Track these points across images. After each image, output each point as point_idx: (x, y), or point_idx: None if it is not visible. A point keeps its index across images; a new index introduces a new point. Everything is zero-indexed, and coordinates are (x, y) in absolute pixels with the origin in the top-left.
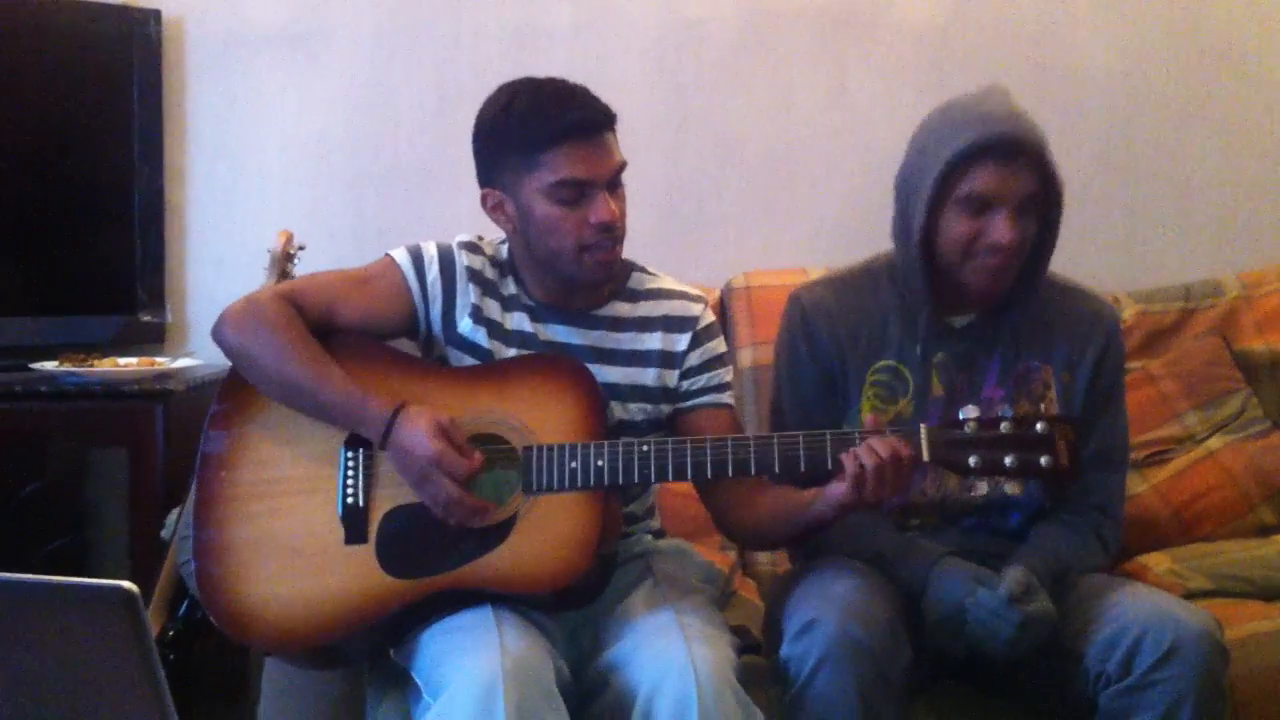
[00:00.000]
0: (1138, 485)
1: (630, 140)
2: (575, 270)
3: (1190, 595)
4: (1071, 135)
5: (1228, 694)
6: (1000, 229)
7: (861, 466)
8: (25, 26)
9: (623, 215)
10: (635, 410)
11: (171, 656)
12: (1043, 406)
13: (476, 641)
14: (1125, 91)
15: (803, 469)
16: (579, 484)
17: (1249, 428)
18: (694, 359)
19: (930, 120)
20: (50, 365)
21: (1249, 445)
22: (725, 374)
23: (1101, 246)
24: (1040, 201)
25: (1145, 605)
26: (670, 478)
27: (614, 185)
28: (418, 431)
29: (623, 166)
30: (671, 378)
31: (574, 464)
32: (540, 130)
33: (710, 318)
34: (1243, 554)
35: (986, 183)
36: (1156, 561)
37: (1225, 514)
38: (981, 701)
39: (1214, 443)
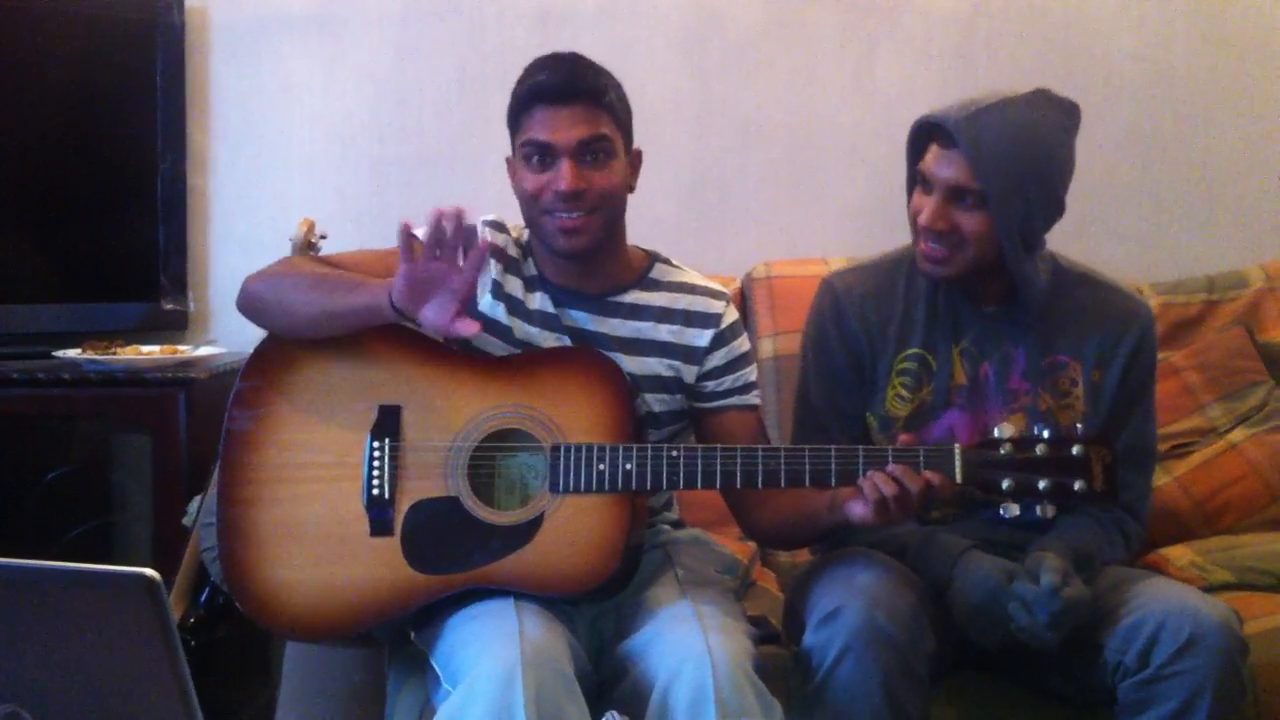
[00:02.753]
0: (1160, 477)
1: (653, 126)
2: (540, 235)
3: (1212, 588)
4: (1096, 122)
5: (1247, 686)
6: (925, 210)
7: (883, 496)
8: (49, 13)
9: (596, 188)
10: (654, 401)
11: (193, 642)
12: (1067, 411)
13: (496, 630)
14: (1150, 78)
15: (833, 484)
16: (606, 487)
17: (1273, 420)
18: (718, 359)
19: None
20: (74, 353)
21: (1272, 438)
22: (750, 373)
23: (1125, 236)
24: (980, 195)
25: (1164, 597)
26: (699, 485)
27: (585, 156)
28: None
29: (594, 139)
30: (690, 373)
31: (601, 466)
32: (520, 93)
33: (733, 315)
34: (1265, 547)
35: (926, 161)
36: (1178, 554)
37: (1248, 506)
38: (1002, 690)
39: (1237, 435)
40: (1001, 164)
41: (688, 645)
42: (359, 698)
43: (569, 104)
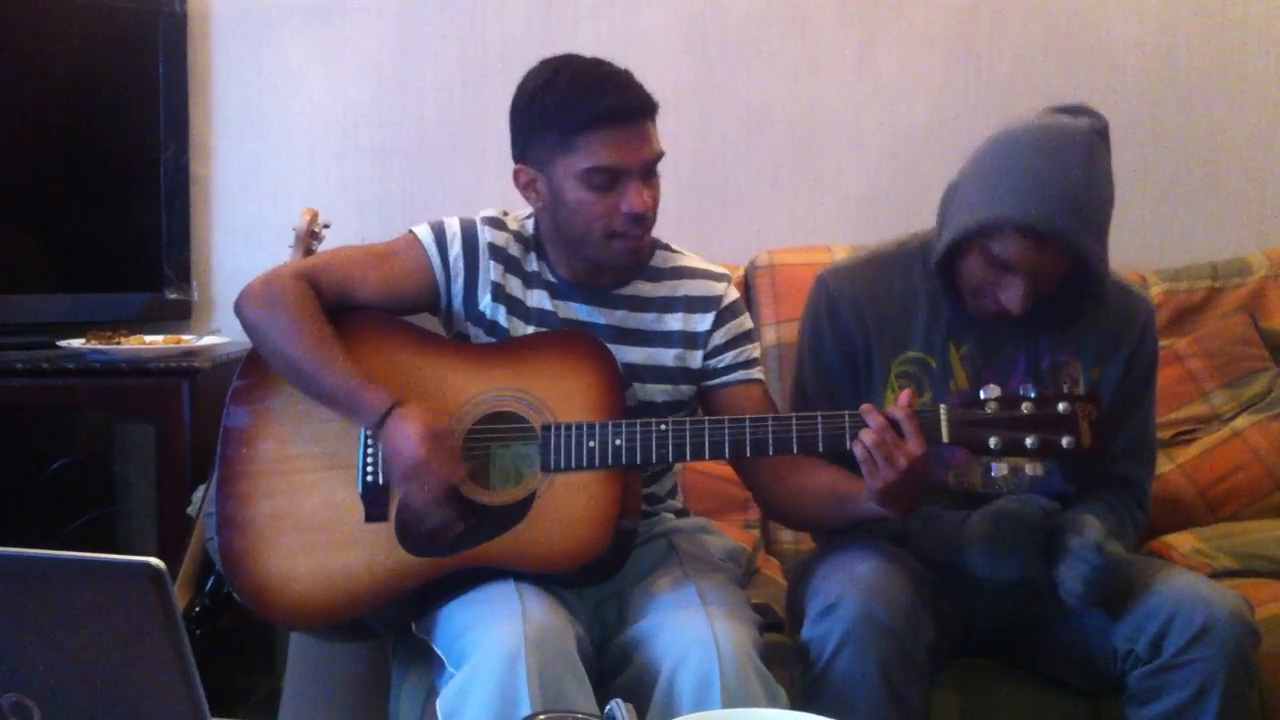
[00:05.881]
0: (1164, 465)
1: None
2: (601, 254)
3: (1216, 575)
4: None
5: (1257, 674)
6: (1010, 294)
7: (866, 449)
8: (51, 3)
9: (655, 203)
10: (655, 391)
11: (198, 631)
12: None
13: (498, 612)
14: (1154, 65)
15: (820, 449)
16: (597, 463)
17: (1276, 407)
18: (719, 338)
19: (1001, 148)
20: (77, 342)
21: (1276, 425)
22: (753, 350)
23: (1129, 223)
24: (1067, 269)
25: (1176, 586)
26: (688, 457)
27: (648, 174)
28: (407, 434)
29: (659, 156)
30: (694, 358)
31: (592, 443)
32: (578, 112)
33: (734, 295)
34: (1269, 534)
35: (1012, 252)
36: (1182, 541)
37: (1251, 494)
38: (1006, 677)
39: (1240, 422)
40: (1100, 238)
41: (693, 632)
42: (364, 687)
43: (637, 123)
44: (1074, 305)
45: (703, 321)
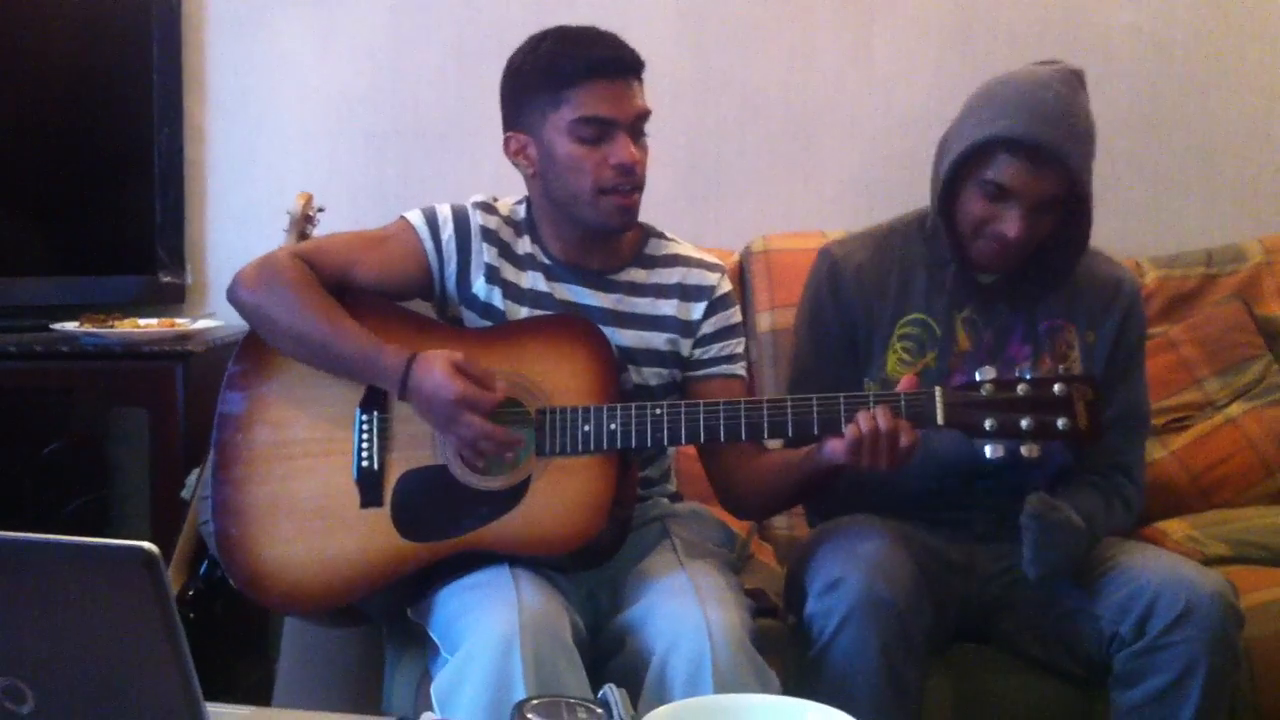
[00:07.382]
0: (1157, 451)
1: (651, 100)
2: (592, 214)
3: (1208, 562)
4: (1095, 97)
5: (1242, 657)
6: (1010, 223)
7: (861, 431)
8: None
9: (643, 163)
10: (650, 375)
11: (191, 616)
12: (1063, 368)
13: (493, 598)
14: (1150, 52)
15: (816, 431)
16: (592, 447)
17: (1270, 394)
18: (708, 327)
19: (986, 89)
20: (71, 326)
21: (1269, 412)
22: (738, 345)
23: (1123, 210)
24: (1062, 200)
25: (1159, 568)
26: (684, 441)
27: (637, 131)
28: (435, 374)
29: (646, 114)
30: (687, 345)
31: (587, 427)
32: (566, 66)
33: (727, 287)
34: (1262, 521)
35: (1008, 175)
36: (1175, 528)
37: (1245, 481)
38: (997, 663)
39: (1234, 409)
40: (1087, 164)
41: (685, 618)
42: (358, 671)
43: (625, 78)
44: (1063, 265)
45: (696, 310)
